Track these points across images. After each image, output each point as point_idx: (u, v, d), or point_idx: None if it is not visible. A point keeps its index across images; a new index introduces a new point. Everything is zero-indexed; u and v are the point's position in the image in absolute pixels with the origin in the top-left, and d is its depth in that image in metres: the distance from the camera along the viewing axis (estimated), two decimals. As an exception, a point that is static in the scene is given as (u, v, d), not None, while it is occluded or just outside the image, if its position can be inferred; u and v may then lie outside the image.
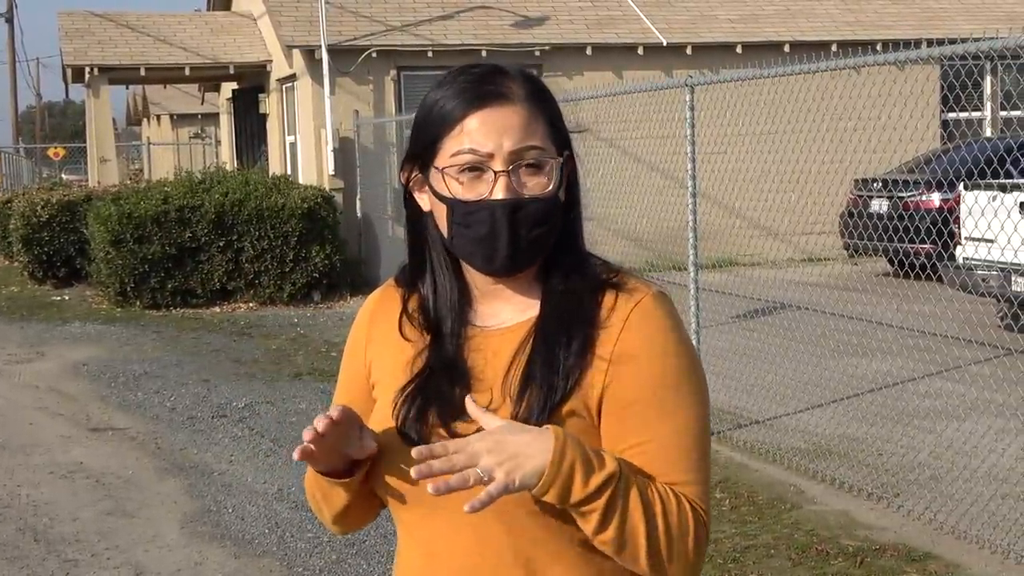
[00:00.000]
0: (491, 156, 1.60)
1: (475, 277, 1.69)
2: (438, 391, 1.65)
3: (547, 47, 15.33)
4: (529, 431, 1.52)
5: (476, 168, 1.61)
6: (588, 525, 1.54)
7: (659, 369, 1.62)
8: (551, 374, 1.61)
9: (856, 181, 12.77)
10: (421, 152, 1.66)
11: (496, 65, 1.68)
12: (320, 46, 14.35)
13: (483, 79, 1.64)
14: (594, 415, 1.61)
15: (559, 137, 1.66)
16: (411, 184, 1.70)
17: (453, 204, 1.62)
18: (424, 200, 1.69)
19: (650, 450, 1.59)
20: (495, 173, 1.60)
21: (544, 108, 1.65)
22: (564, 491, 1.50)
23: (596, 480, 1.51)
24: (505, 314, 1.69)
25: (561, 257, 1.68)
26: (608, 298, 1.65)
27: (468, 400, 1.57)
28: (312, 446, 1.57)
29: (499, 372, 1.64)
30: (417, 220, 1.72)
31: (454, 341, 1.68)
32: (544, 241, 1.63)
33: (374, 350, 1.77)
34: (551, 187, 1.62)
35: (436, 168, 1.64)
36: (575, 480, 1.50)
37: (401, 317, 1.75)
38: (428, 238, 1.71)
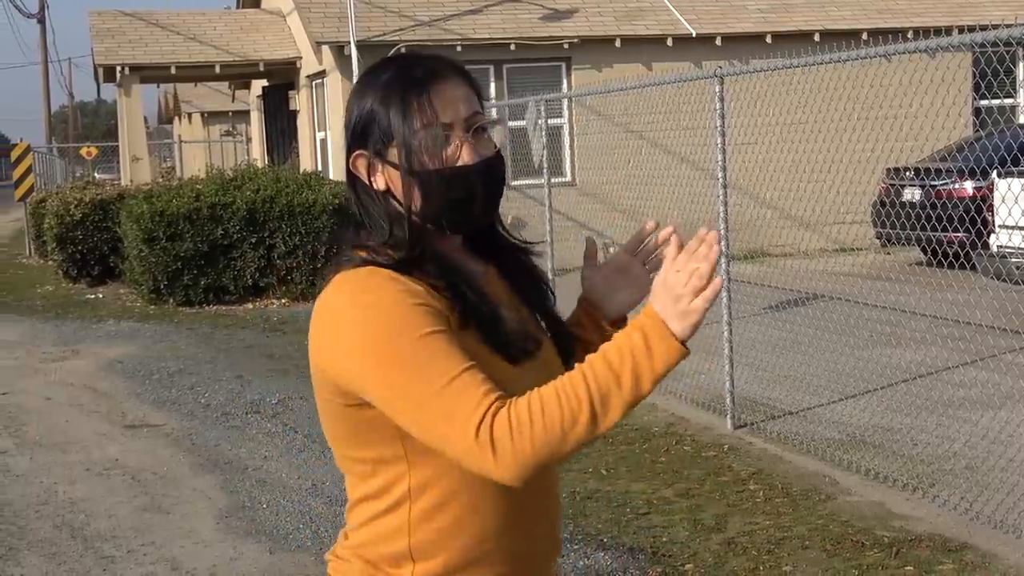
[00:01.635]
0: (451, 125, 1.77)
1: (434, 239, 1.82)
2: (516, 319, 1.83)
3: (576, 40, 15.33)
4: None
5: (441, 141, 1.77)
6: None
7: None
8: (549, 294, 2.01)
9: (888, 170, 12.69)
10: (379, 138, 1.79)
11: (415, 53, 1.87)
12: (349, 42, 14.43)
13: (418, 64, 1.81)
14: None
15: (483, 106, 1.88)
16: (364, 169, 1.82)
17: (425, 175, 1.76)
18: (380, 180, 1.81)
19: None
20: (459, 139, 1.77)
21: (471, 81, 1.85)
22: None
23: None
24: (472, 265, 1.88)
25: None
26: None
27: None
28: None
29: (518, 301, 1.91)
30: (375, 200, 1.83)
31: (477, 287, 1.83)
32: (498, 196, 1.86)
33: (448, 314, 1.80)
34: (497, 144, 1.83)
35: (401, 146, 1.77)
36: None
37: (424, 288, 1.79)
38: (392, 213, 1.82)
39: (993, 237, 9.49)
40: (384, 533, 1.82)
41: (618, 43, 15.40)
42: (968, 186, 11.81)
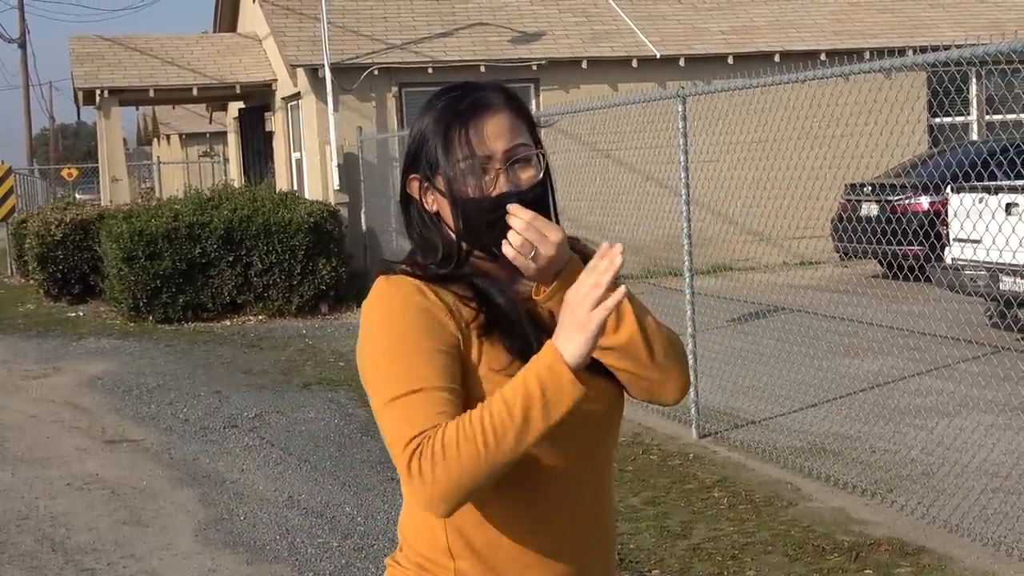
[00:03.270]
0: (489, 158, 1.86)
1: (476, 261, 1.91)
2: (528, 327, 1.88)
3: (544, 61, 15.49)
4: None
5: (480, 171, 1.85)
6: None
7: None
8: None
9: (846, 186, 12.83)
10: (432, 162, 1.88)
11: (473, 82, 1.94)
12: (323, 65, 14.56)
13: (468, 95, 1.89)
14: None
15: (535, 135, 1.94)
16: (418, 192, 1.93)
17: (466, 200, 1.86)
18: (431, 202, 1.92)
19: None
20: (495, 171, 1.85)
21: (521, 111, 1.92)
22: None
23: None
24: (522, 285, 1.93)
25: None
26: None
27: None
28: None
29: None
30: (429, 222, 1.94)
31: (510, 304, 1.89)
32: None
33: (458, 334, 1.86)
34: (540, 175, 1.90)
35: (443, 175, 1.87)
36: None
37: (444, 300, 1.87)
38: (443, 235, 1.92)
39: (948, 250, 9.58)
40: (423, 530, 1.90)
41: (585, 64, 15.56)
42: (923, 201, 11.92)
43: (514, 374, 1.75)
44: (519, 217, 1.80)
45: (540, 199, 1.89)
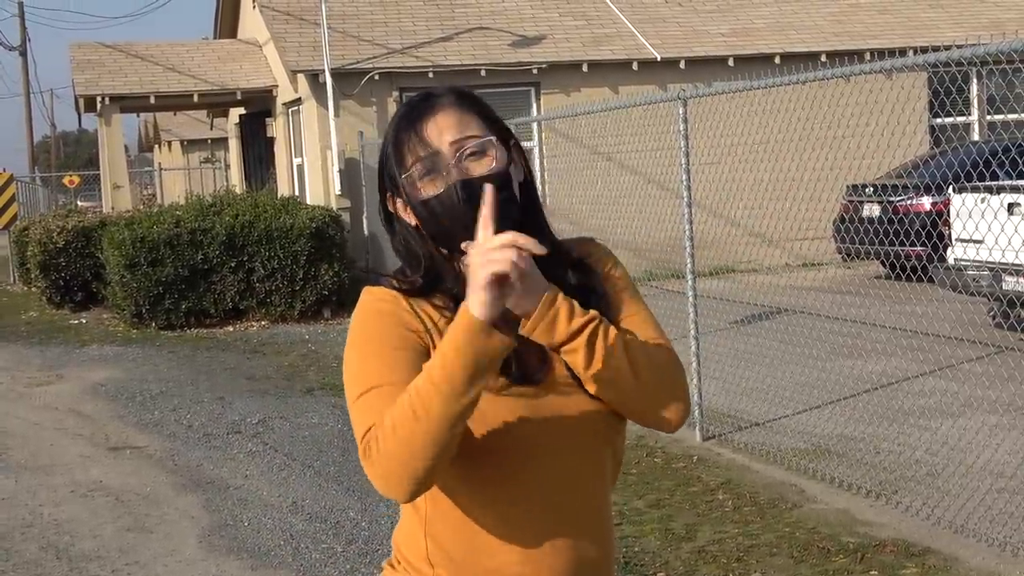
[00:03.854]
0: (438, 154, 1.84)
1: (463, 271, 1.86)
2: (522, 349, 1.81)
3: (544, 65, 15.51)
4: (543, 280, 1.79)
5: (432, 170, 1.84)
6: (576, 361, 1.81)
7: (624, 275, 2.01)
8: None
9: (848, 187, 12.83)
10: (392, 176, 1.90)
11: (428, 90, 1.94)
12: (324, 70, 14.59)
13: (414, 102, 1.90)
14: None
15: (496, 128, 1.91)
16: (396, 209, 1.93)
17: (423, 203, 1.86)
18: (409, 216, 1.91)
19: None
20: (445, 166, 1.84)
21: (471, 106, 1.91)
22: (551, 323, 1.78)
23: (577, 321, 1.80)
24: None
25: (533, 233, 1.85)
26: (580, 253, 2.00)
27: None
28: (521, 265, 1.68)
29: None
30: (409, 235, 1.94)
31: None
32: (505, 211, 1.79)
33: (426, 337, 1.87)
34: (495, 164, 1.85)
35: (404, 182, 1.87)
36: (559, 318, 1.78)
37: (420, 310, 1.89)
38: (426, 245, 1.91)
39: (950, 251, 9.59)
40: (409, 537, 1.93)
41: (585, 68, 15.57)
42: (925, 202, 11.92)
43: (497, 388, 1.79)
44: (469, 252, 1.71)
45: (500, 190, 1.80)
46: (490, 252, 1.66)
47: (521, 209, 1.90)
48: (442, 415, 1.69)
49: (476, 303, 1.67)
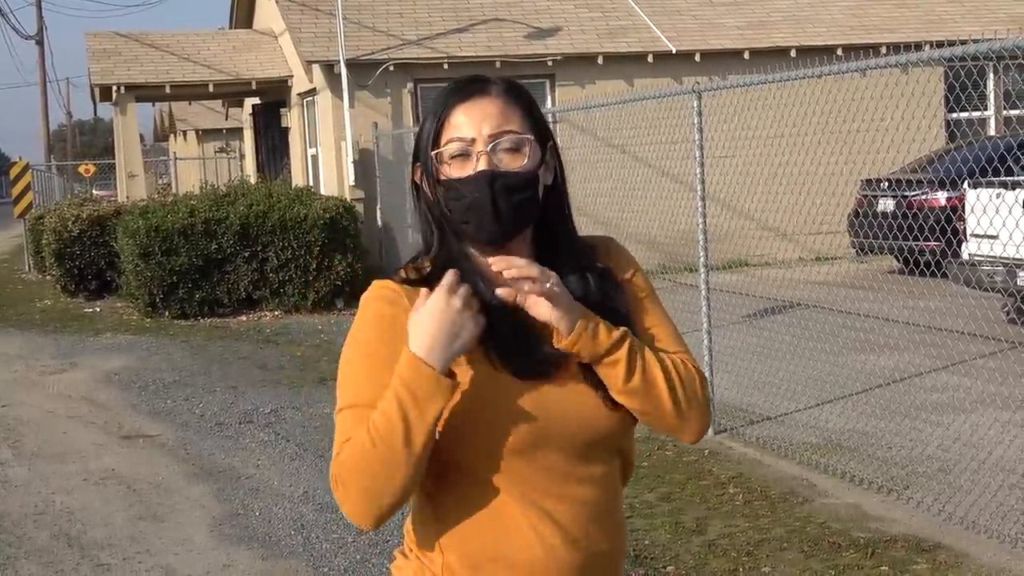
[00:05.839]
0: (473, 141, 1.86)
1: (480, 250, 1.92)
2: (515, 331, 1.87)
3: (559, 57, 15.50)
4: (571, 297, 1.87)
5: (464, 153, 1.86)
6: (617, 374, 1.86)
7: (645, 281, 2.06)
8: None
9: (863, 181, 12.81)
10: (424, 149, 1.91)
11: (481, 75, 1.96)
12: (339, 61, 14.60)
13: (465, 82, 1.92)
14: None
15: (537, 127, 1.92)
16: (420, 180, 1.94)
17: (447, 183, 1.88)
18: (429, 189, 1.92)
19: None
20: (477, 153, 1.85)
21: (518, 100, 1.91)
22: (593, 338, 1.84)
23: (616, 333, 1.87)
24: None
25: (559, 237, 1.97)
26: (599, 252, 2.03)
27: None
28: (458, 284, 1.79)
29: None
30: (428, 208, 1.95)
31: (497, 308, 1.86)
32: (524, 210, 1.87)
33: None
34: (526, 163, 1.87)
35: (433, 158, 1.89)
36: (600, 331, 1.85)
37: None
38: (443, 224, 1.93)
39: (965, 246, 9.58)
40: (419, 524, 1.95)
41: (600, 60, 15.56)
42: (940, 196, 11.89)
43: (498, 382, 1.83)
44: (496, 264, 1.81)
45: (518, 186, 1.86)
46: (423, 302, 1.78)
47: (544, 209, 1.92)
48: (408, 451, 1.76)
49: (422, 348, 1.76)
